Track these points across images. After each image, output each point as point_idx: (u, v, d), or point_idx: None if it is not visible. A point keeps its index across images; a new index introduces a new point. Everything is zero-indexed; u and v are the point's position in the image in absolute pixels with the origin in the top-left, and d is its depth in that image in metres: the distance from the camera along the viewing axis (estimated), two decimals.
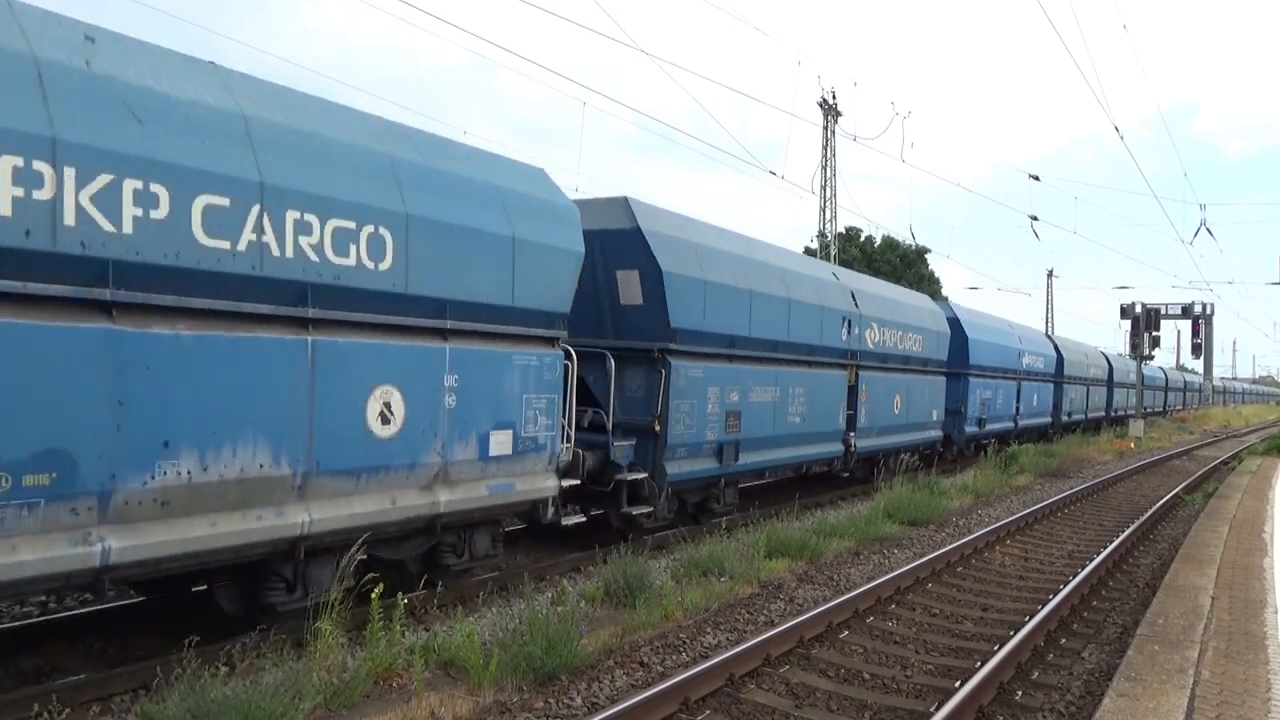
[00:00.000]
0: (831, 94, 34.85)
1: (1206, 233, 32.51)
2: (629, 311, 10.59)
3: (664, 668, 6.77)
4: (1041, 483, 20.05)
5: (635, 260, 10.35)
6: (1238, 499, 14.84)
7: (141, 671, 5.94)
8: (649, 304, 10.39)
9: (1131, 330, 35.46)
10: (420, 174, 7.29)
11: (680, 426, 10.67)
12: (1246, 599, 7.71)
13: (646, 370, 10.49)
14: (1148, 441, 32.85)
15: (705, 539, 10.63)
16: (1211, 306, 59.56)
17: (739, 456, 11.81)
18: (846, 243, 45.34)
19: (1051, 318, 60.50)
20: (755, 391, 12.21)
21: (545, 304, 8.54)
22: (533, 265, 8.28)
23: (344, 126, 6.92)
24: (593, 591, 8.38)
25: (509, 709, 5.83)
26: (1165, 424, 46.45)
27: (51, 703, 5.22)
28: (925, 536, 12.83)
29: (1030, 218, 29.15)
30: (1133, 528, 13.28)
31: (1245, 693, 5.32)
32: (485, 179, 8.05)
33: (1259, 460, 23.83)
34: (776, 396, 12.76)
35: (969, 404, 21.31)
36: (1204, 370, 77.97)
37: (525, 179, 8.67)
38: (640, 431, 10.39)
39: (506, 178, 8.36)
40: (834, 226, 37.21)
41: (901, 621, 8.42)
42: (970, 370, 21.35)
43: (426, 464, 7.39)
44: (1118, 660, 6.46)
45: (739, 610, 8.44)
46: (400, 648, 6.29)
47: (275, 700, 5.11)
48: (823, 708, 6.19)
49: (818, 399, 13.92)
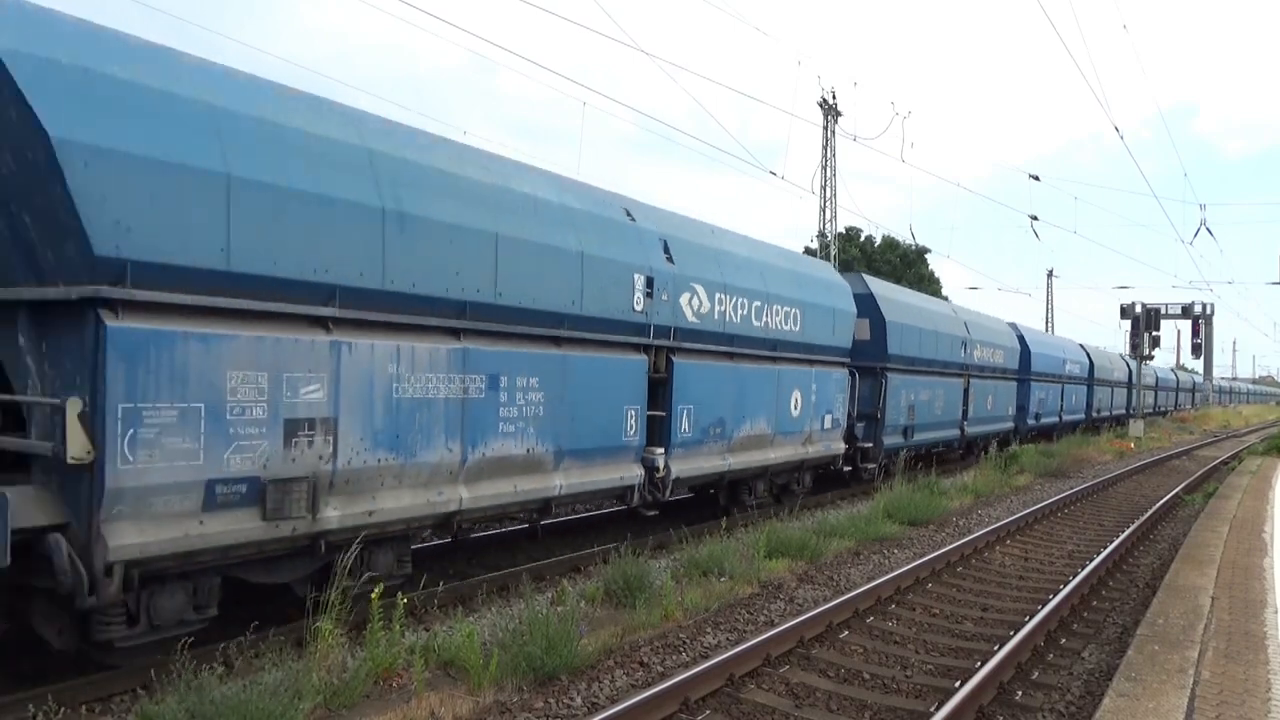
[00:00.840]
0: (831, 94, 34.86)
1: (1206, 233, 32.58)
2: (860, 344, 16.07)
3: (664, 668, 6.77)
4: (1041, 483, 20.06)
5: (867, 313, 16.38)
6: (1238, 499, 14.84)
7: (141, 671, 5.93)
8: (874, 339, 16.57)
9: (1131, 330, 35.45)
10: (798, 278, 13.95)
11: (890, 415, 16.77)
12: (1246, 599, 7.71)
13: (871, 380, 16.38)
14: (1148, 441, 32.85)
15: (705, 539, 10.62)
16: (1211, 306, 59.57)
17: (914, 435, 18.02)
18: (846, 243, 45.37)
19: (1051, 318, 60.56)
20: (922, 393, 18.18)
21: (843, 343, 15.06)
22: (839, 322, 14.81)
23: (783, 258, 13.95)
24: (593, 591, 8.38)
25: (509, 709, 5.82)
26: (1165, 424, 46.47)
27: (50, 703, 5.22)
28: (925, 536, 12.83)
29: (1030, 218, 29.20)
30: (1133, 528, 13.28)
31: (1245, 693, 5.32)
32: (824, 276, 15.27)
33: (1259, 460, 23.84)
34: (930, 397, 18.63)
35: (1031, 401, 26.94)
36: (1204, 370, 77.95)
37: (829, 271, 16.16)
38: (867, 418, 16.38)
39: (827, 272, 15.87)
40: (834, 226, 37.25)
41: (901, 621, 8.42)
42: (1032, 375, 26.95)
43: (807, 430, 13.83)
44: (1118, 660, 6.46)
45: (739, 610, 8.44)
46: (400, 648, 6.28)
47: (275, 700, 5.10)
48: (823, 708, 6.19)
49: (949, 398, 19.88)
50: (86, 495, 5.39)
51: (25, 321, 5.69)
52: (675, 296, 10.63)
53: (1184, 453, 31.20)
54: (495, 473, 8.21)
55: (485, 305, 7.98)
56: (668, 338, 10.54)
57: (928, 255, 49.63)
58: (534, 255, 8.50)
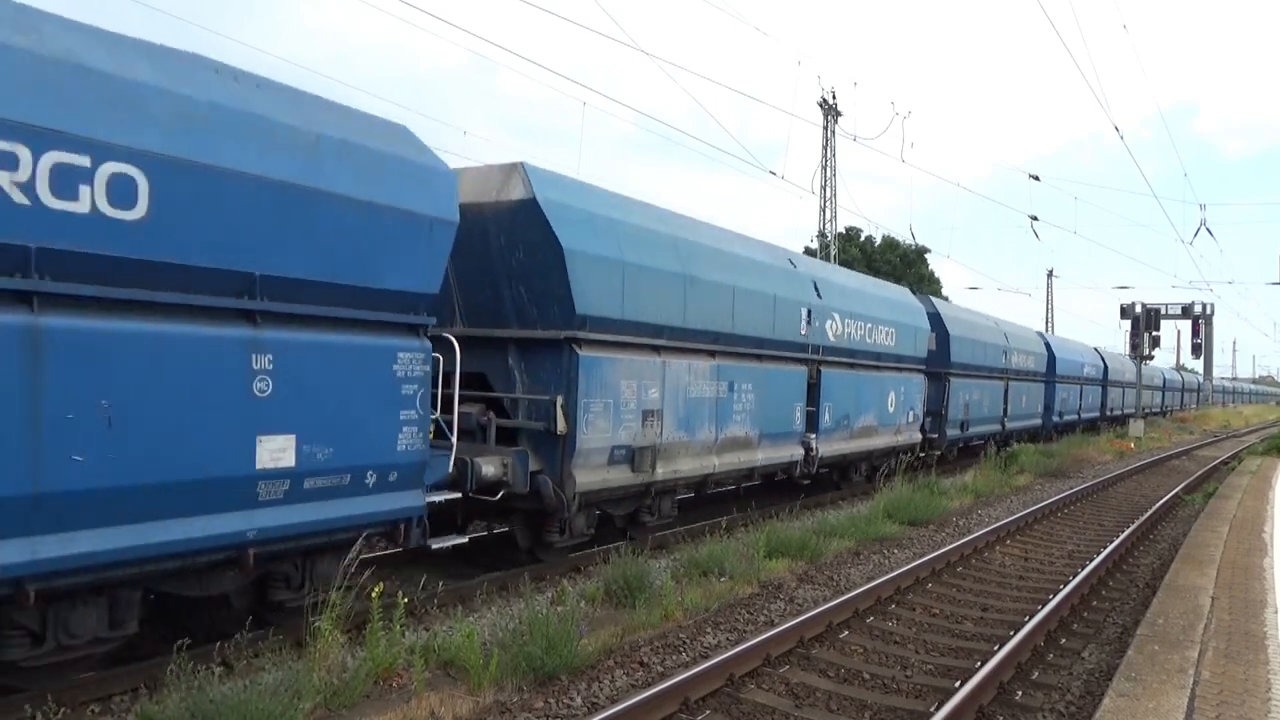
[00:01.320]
0: (831, 94, 34.88)
1: (1206, 233, 32.55)
2: (929, 354, 19.24)
3: (664, 668, 6.77)
4: (1041, 483, 20.06)
5: (935, 328, 19.69)
6: (1238, 499, 14.84)
7: (141, 671, 5.93)
8: (939, 349, 19.85)
9: (1131, 330, 35.46)
10: (892, 303, 17.58)
11: (951, 412, 20.45)
12: (1246, 599, 7.71)
13: (937, 383, 19.89)
14: (1148, 441, 32.86)
15: (705, 539, 10.63)
16: (1211, 306, 59.56)
17: (969, 429, 21.82)
18: (846, 243, 45.35)
19: (1051, 318, 60.55)
20: (974, 393, 22.00)
21: (921, 354, 18.44)
22: (919, 338, 18.33)
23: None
24: (593, 591, 8.38)
25: (509, 709, 5.82)
26: (1165, 424, 46.46)
27: (50, 703, 5.23)
28: (925, 536, 12.83)
29: (1030, 218, 29.18)
30: (1133, 528, 13.28)
31: (1245, 693, 5.32)
32: (907, 301, 18.83)
33: (1259, 460, 23.83)
34: (980, 396, 22.46)
35: (1055, 401, 29.79)
36: (1204, 370, 77.99)
37: (909, 295, 19.58)
38: (933, 414, 19.90)
39: (908, 296, 19.51)
40: (834, 226, 37.26)
41: (901, 621, 8.42)
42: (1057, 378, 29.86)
43: (898, 423, 17.44)
44: (1118, 660, 6.46)
45: (739, 610, 8.44)
46: (400, 648, 6.28)
47: (275, 700, 5.10)
48: (823, 708, 6.19)
49: (993, 398, 23.58)
50: (560, 454, 9.05)
51: (514, 350, 9.53)
52: (822, 323, 14.42)
53: (1184, 453, 31.20)
54: (731, 448, 11.96)
55: (727, 335, 11.74)
56: (818, 354, 14.40)
57: (928, 255, 49.69)
58: (752, 299, 12.26)
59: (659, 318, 10.43)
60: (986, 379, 22.92)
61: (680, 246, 10.86)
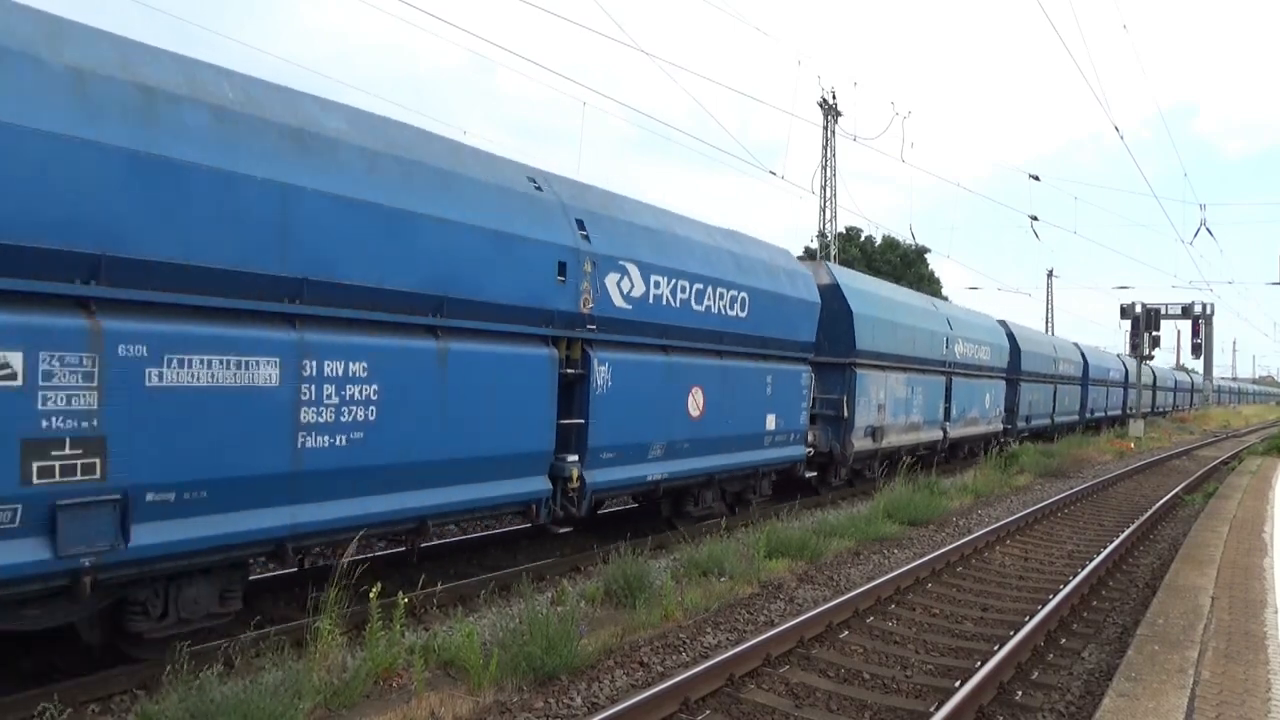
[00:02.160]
0: (831, 94, 34.82)
1: (1206, 233, 32.58)
2: (1009, 364, 24.91)
3: (664, 668, 6.77)
4: (1041, 483, 20.07)
5: (1011, 344, 25.57)
6: (1238, 499, 14.84)
7: (141, 671, 5.93)
8: (1012, 360, 25.26)
9: (1131, 330, 35.47)
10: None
11: (1022, 408, 26.22)
12: (1246, 599, 7.71)
13: (1013, 387, 25.58)
14: (1147, 441, 32.86)
15: (705, 539, 10.63)
16: (1211, 306, 59.51)
17: (1031, 421, 27.49)
18: (846, 243, 45.36)
19: (1051, 318, 60.53)
20: (1034, 391, 27.67)
21: (1003, 364, 24.29)
22: (999, 353, 24.06)
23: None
24: (593, 591, 8.38)
25: (509, 709, 5.82)
26: (1165, 424, 46.47)
27: (51, 703, 5.22)
28: (925, 536, 12.83)
29: (1030, 218, 29.19)
30: (1133, 528, 13.29)
31: (1245, 693, 5.32)
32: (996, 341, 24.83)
33: (1259, 460, 23.84)
34: (1046, 396, 29.03)
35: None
36: (1204, 370, 77.90)
37: (997, 326, 25.57)
38: (1009, 410, 25.18)
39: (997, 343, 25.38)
40: (834, 226, 37.21)
41: (901, 621, 8.42)
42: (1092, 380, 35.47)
43: (989, 417, 23.42)
44: (1118, 660, 6.46)
45: (739, 610, 8.44)
46: (400, 647, 6.28)
47: (275, 700, 5.11)
48: (823, 708, 6.19)
49: (1046, 397, 29.22)
50: (842, 431, 15.31)
51: (814, 369, 14.23)
52: (952, 346, 20.41)
53: (1184, 453, 31.20)
54: (911, 430, 18.01)
55: (909, 356, 17.59)
56: (950, 368, 20.38)
57: (928, 255, 49.66)
58: (919, 333, 18.48)
59: (889, 349, 16.55)
60: (1044, 383, 29.26)
61: (897, 310, 17.48)
